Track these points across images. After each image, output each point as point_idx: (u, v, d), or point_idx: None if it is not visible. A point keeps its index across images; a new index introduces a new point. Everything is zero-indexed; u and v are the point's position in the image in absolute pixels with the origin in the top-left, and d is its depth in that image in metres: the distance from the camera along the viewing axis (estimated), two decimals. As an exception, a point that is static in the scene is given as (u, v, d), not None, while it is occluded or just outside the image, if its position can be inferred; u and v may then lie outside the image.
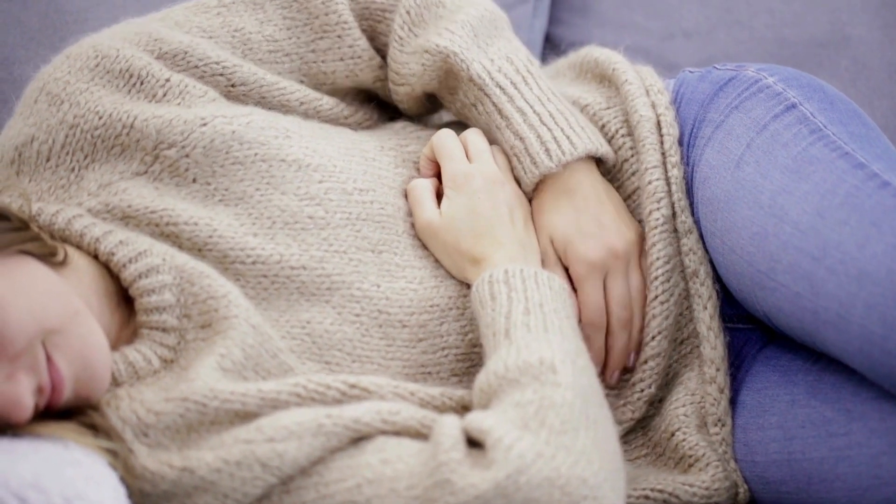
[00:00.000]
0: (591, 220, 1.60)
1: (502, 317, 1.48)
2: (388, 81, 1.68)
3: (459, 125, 1.69)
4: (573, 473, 1.32)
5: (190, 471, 1.36)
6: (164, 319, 1.47)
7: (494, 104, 1.62)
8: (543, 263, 1.60)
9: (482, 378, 1.43)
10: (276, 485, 1.38)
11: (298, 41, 1.65)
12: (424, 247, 1.60)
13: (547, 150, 1.60)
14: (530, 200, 1.63)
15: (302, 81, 1.65)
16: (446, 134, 1.64)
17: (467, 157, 1.63)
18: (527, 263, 1.55)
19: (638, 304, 1.61)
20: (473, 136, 1.64)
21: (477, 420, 1.37)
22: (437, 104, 1.72)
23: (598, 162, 1.65)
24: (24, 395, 1.33)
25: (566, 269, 1.61)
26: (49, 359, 1.36)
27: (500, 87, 1.63)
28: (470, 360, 1.58)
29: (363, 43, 1.66)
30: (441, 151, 1.63)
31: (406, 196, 1.62)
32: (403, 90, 1.67)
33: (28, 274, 1.38)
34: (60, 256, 1.44)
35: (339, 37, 1.66)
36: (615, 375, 1.62)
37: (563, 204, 1.61)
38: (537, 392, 1.38)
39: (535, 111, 1.62)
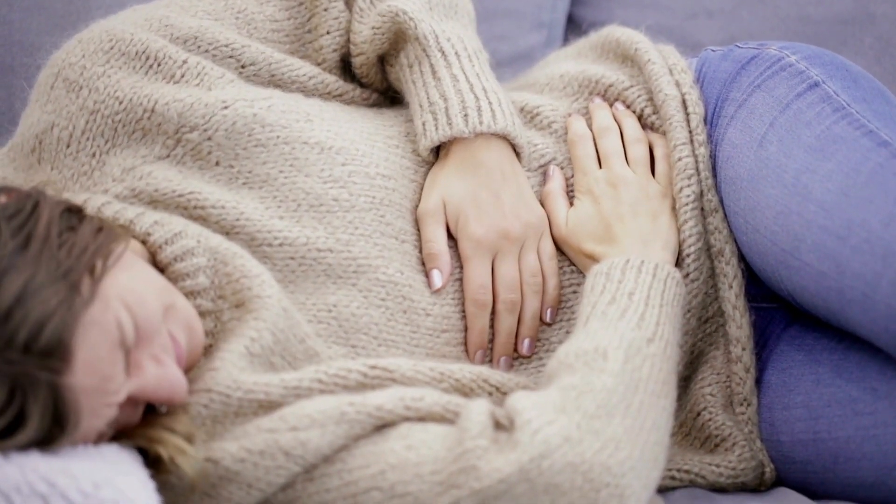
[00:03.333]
0: (489, 195, 1.60)
1: (589, 306, 1.49)
2: (350, 56, 1.68)
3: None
4: (597, 460, 1.32)
5: (214, 461, 1.37)
6: (199, 304, 1.47)
7: (431, 65, 1.62)
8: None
9: (549, 363, 1.44)
10: (299, 473, 1.38)
11: (296, 21, 1.66)
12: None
13: (466, 115, 1.60)
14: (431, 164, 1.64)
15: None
16: (579, 139, 1.66)
17: (599, 159, 1.66)
18: (644, 255, 1.56)
19: (531, 288, 1.60)
20: (606, 139, 1.66)
21: (517, 398, 1.38)
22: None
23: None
24: (179, 374, 1.37)
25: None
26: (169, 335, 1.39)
27: (442, 52, 1.63)
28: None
29: (347, 15, 1.66)
30: (574, 163, 1.66)
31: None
32: (360, 60, 1.67)
33: (132, 261, 1.40)
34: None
35: (325, 10, 1.66)
36: (503, 362, 1.60)
37: (466, 172, 1.60)
38: (584, 377, 1.38)
39: (468, 81, 1.62)
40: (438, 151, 1.63)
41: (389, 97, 1.72)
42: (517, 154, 1.63)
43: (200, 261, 1.47)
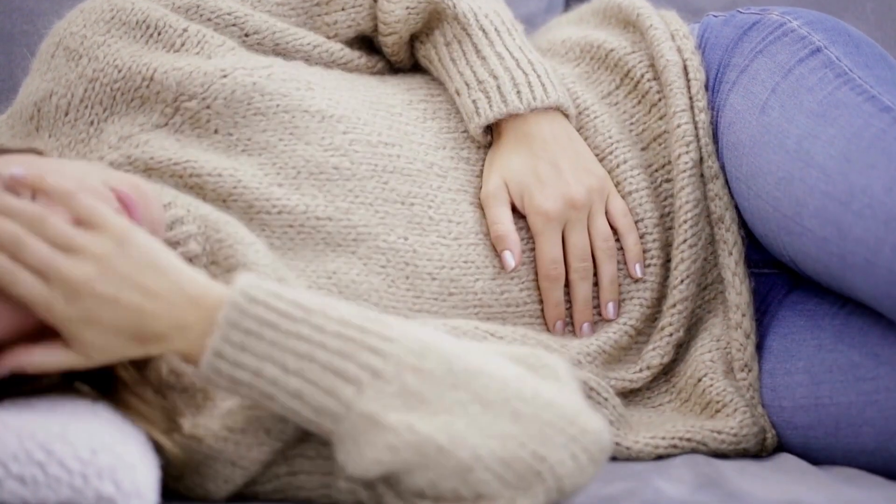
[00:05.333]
0: (548, 166, 1.60)
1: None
2: (378, 34, 1.68)
3: None
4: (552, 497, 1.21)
5: (197, 440, 1.36)
6: None
7: (474, 44, 1.63)
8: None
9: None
10: (281, 449, 1.37)
11: None
12: (470, 203, 1.60)
13: (518, 91, 1.60)
14: (488, 145, 1.63)
15: None
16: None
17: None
18: None
19: (605, 253, 1.60)
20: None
21: None
22: None
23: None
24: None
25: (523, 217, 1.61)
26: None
27: (483, 30, 1.63)
28: (503, 319, 1.59)
29: None
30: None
31: (438, 151, 1.61)
32: (391, 39, 1.67)
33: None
34: None
35: None
36: (586, 328, 1.60)
37: (521, 148, 1.60)
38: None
39: (513, 57, 1.62)
40: (490, 130, 1.63)
41: (393, 65, 1.72)
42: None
43: (191, 228, 1.47)
